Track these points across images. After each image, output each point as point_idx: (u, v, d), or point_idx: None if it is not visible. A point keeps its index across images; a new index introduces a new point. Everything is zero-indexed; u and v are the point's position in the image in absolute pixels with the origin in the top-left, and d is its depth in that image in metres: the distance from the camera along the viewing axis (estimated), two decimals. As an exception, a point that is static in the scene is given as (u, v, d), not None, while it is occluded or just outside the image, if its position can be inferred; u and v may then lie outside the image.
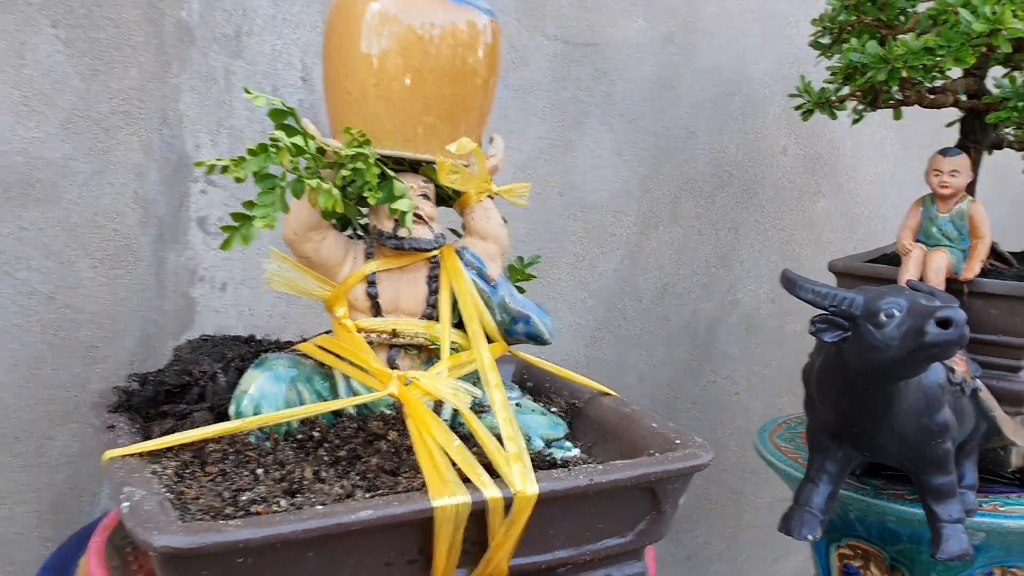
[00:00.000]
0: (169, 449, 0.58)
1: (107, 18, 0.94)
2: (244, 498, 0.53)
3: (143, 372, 0.68)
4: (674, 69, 1.31)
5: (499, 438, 0.59)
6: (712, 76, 1.35)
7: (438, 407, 0.64)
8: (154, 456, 0.58)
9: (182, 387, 0.64)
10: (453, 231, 0.75)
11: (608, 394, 0.73)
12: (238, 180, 0.59)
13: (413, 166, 0.68)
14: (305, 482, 0.56)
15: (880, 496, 0.95)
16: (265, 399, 0.61)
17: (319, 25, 1.05)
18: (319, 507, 0.51)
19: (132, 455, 0.56)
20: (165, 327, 1.02)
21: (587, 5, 1.23)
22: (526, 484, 0.54)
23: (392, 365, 0.66)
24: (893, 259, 1.06)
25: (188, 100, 0.99)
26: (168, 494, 0.53)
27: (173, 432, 0.60)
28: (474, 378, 0.65)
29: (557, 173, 1.25)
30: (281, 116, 0.60)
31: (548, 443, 0.65)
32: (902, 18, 1.04)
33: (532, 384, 0.77)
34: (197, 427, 0.59)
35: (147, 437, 0.61)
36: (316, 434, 0.62)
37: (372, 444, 0.61)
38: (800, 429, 1.15)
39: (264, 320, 1.08)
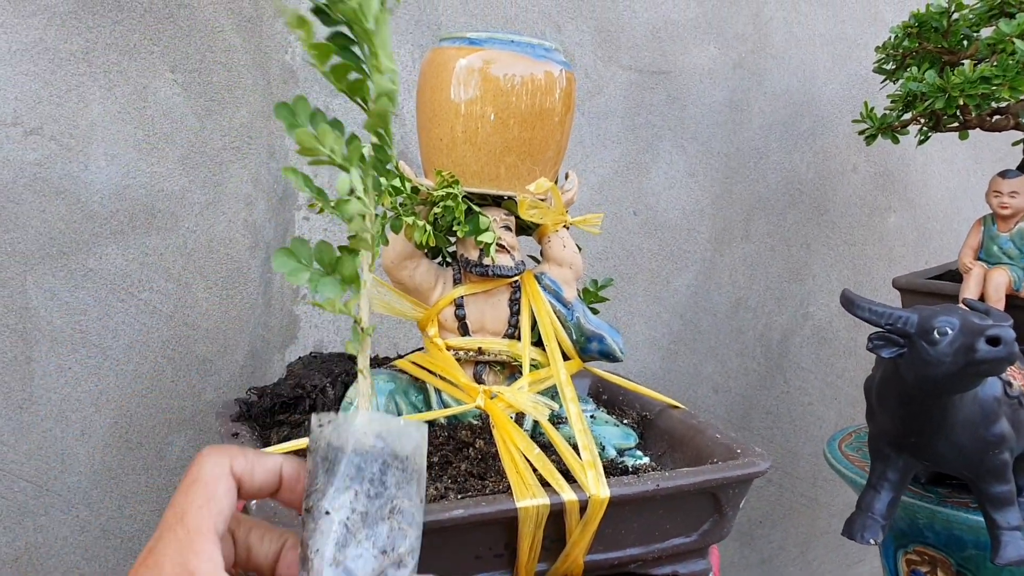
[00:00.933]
0: (286, 454, 0.66)
1: (219, 63, 1.04)
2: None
3: (261, 386, 0.77)
4: (744, 93, 1.37)
5: (575, 447, 0.65)
6: (782, 98, 1.40)
7: (520, 418, 0.71)
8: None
9: (295, 399, 0.73)
10: (532, 257, 0.82)
11: (677, 407, 0.79)
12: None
13: (496, 200, 0.76)
14: (404, 484, 0.64)
15: (944, 504, 0.99)
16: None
17: (409, 65, 1.14)
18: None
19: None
20: (271, 342, 1.12)
21: (660, 36, 1.29)
22: (599, 488, 0.61)
23: (478, 380, 0.74)
24: (958, 275, 1.10)
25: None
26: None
27: (289, 439, 0.68)
28: (552, 392, 0.72)
29: (632, 194, 1.31)
30: (381, 161, 0.68)
31: (620, 452, 0.72)
32: (965, 43, 1.07)
33: (606, 397, 0.84)
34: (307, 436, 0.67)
35: (266, 444, 0.69)
36: (412, 442, 0.69)
37: (461, 451, 0.69)
38: (867, 438, 1.19)
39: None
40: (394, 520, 0.44)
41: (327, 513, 0.42)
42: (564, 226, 0.76)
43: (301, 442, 0.66)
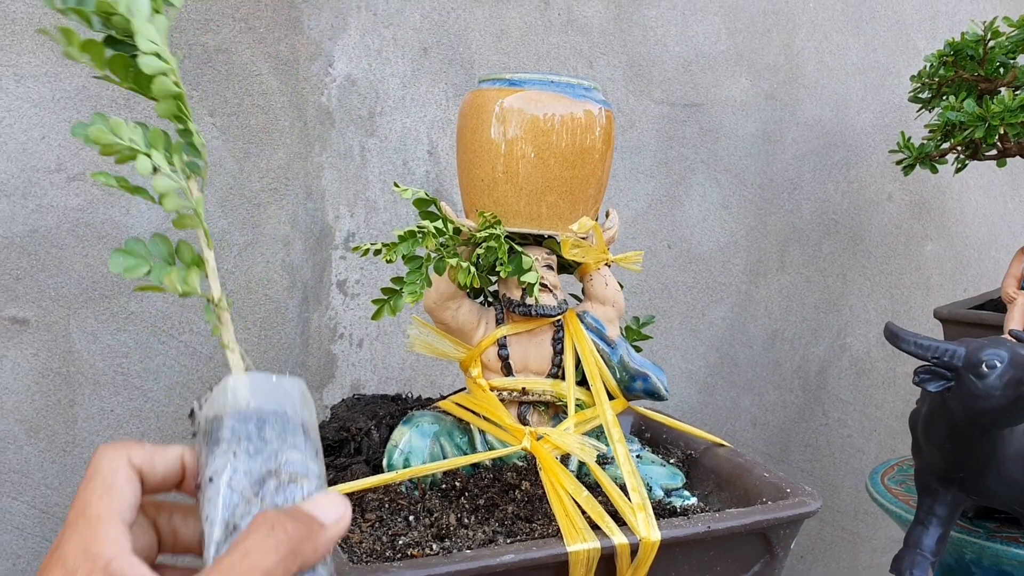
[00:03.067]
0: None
1: (257, 106, 1.06)
2: (400, 542, 0.61)
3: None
4: (777, 124, 1.36)
5: (623, 488, 0.65)
6: (815, 129, 1.40)
7: (565, 458, 0.71)
8: (321, 504, 0.66)
9: (340, 442, 0.73)
10: (574, 296, 0.82)
11: (722, 445, 0.79)
12: (389, 262, 0.67)
13: (537, 239, 0.76)
14: (451, 528, 0.63)
15: (993, 539, 0.97)
16: (413, 453, 0.69)
17: (443, 103, 1.14)
18: (468, 551, 0.58)
19: (303, 503, 0.65)
20: (309, 381, 1.12)
21: (691, 69, 1.29)
22: (650, 531, 0.60)
23: (523, 420, 0.73)
24: (1000, 303, 1.08)
25: (328, 176, 1.10)
26: (337, 538, 0.61)
27: (335, 483, 0.68)
28: (598, 432, 0.72)
29: (666, 227, 1.31)
30: (424, 204, 0.69)
31: (668, 492, 0.71)
32: (1001, 70, 1.07)
33: (650, 435, 0.83)
34: (356, 478, 0.67)
35: (312, 487, 0.69)
36: (458, 484, 0.69)
37: (507, 493, 0.68)
38: (911, 471, 1.17)
39: (396, 373, 1.17)
40: (284, 472, 0.42)
41: (211, 480, 0.42)
42: (606, 264, 0.76)
43: (348, 486, 0.66)
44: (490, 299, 0.79)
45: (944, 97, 1.07)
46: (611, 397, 0.74)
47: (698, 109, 1.31)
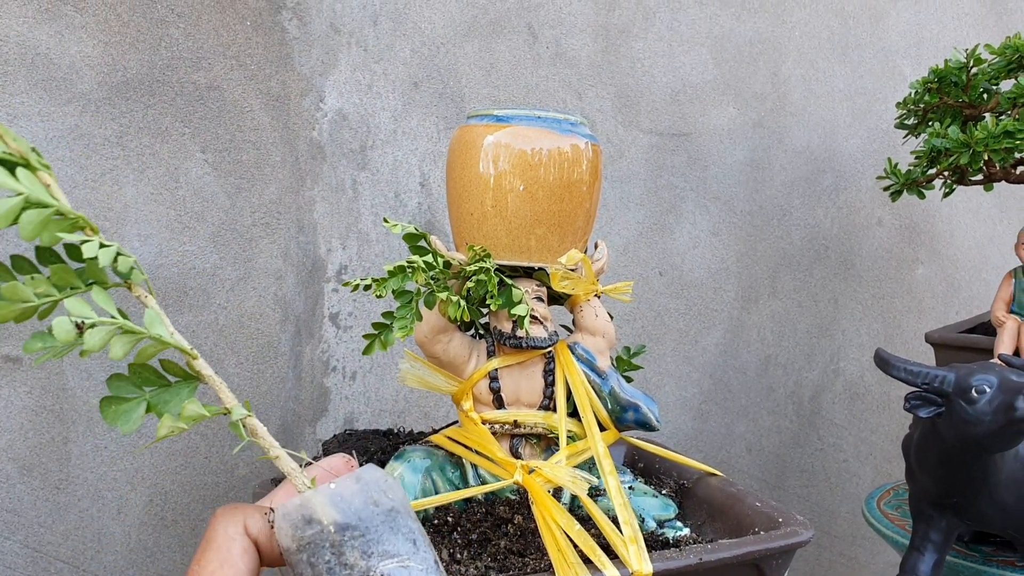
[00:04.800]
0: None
1: (248, 141, 1.06)
2: (393, 578, 0.61)
3: (297, 464, 0.77)
4: (765, 152, 1.38)
5: (615, 520, 0.65)
6: (803, 155, 1.41)
7: (557, 491, 0.71)
8: (313, 541, 0.66)
9: (332, 477, 0.73)
10: (564, 327, 0.82)
11: (715, 474, 0.79)
12: (379, 296, 0.68)
13: (527, 271, 0.76)
14: (443, 563, 0.63)
15: (989, 563, 0.97)
16: (405, 488, 0.69)
17: (434, 136, 1.15)
18: (461, 586, 0.58)
19: (295, 540, 0.65)
20: (302, 415, 1.12)
21: (679, 99, 1.31)
22: (642, 564, 0.60)
23: (515, 453, 0.73)
24: (991, 327, 1.09)
25: (320, 209, 1.11)
26: (329, 575, 0.61)
27: (327, 518, 0.68)
28: (590, 464, 0.72)
29: (657, 255, 1.31)
30: (414, 239, 0.69)
31: (660, 523, 0.71)
32: (985, 96, 1.08)
33: (643, 465, 0.83)
34: (348, 514, 0.67)
35: (304, 523, 0.69)
36: (450, 519, 0.69)
37: (500, 528, 0.68)
38: (907, 495, 1.17)
39: (390, 405, 1.17)
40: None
41: None
42: (595, 295, 0.76)
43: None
44: (481, 332, 0.79)
45: (929, 123, 1.08)
46: (603, 428, 0.74)
47: (686, 138, 1.32)
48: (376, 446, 0.76)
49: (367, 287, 0.69)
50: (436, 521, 0.69)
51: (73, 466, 1.00)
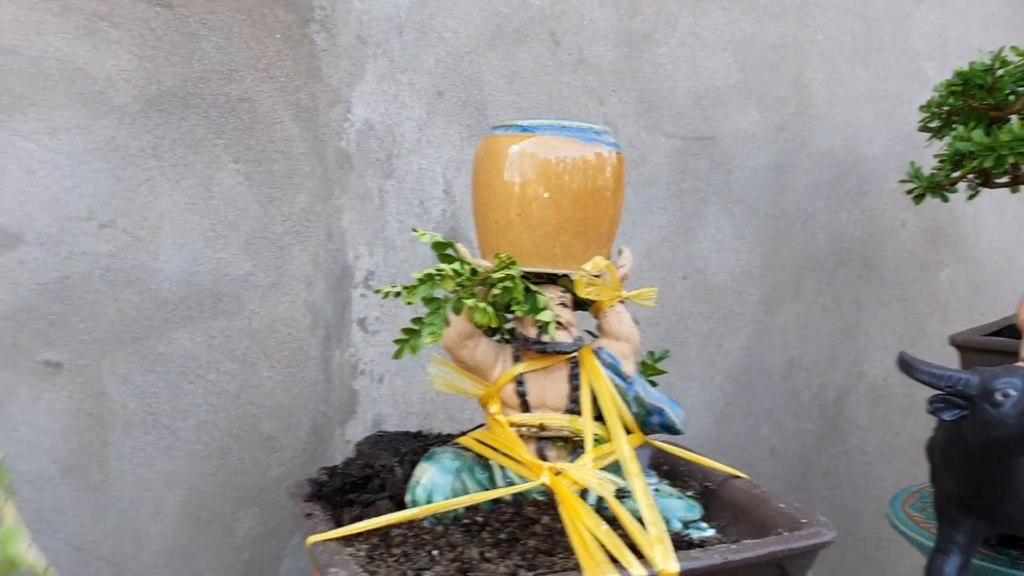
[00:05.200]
0: (359, 533, 0.68)
1: (279, 152, 1.09)
2: (425, 576, 0.63)
3: (331, 466, 0.79)
4: (789, 155, 1.39)
5: (641, 521, 0.66)
6: (827, 158, 1.42)
7: (583, 492, 0.72)
8: (348, 540, 0.68)
9: (365, 479, 0.75)
10: (589, 332, 0.84)
11: (739, 476, 0.80)
12: (408, 304, 0.70)
13: (552, 278, 0.78)
14: (474, 562, 0.65)
15: (1016, 566, 0.97)
16: (436, 489, 0.71)
17: (458, 144, 1.17)
18: (493, 583, 0.60)
19: (330, 540, 0.67)
20: (332, 417, 1.15)
21: (702, 103, 1.32)
22: (668, 563, 0.62)
23: (541, 455, 0.75)
24: (1017, 330, 1.09)
25: (348, 217, 1.13)
26: (364, 574, 0.63)
27: (361, 519, 0.70)
28: (615, 466, 0.73)
29: (680, 259, 1.33)
30: (442, 247, 0.71)
31: (686, 524, 0.72)
32: (1011, 98, 1.08)
33: (668, 468, 0.85)
34: (381, 514, 0.69)
35: (338, 523, 0.71)
36: (479, 519, 0.71)
37: (528, 528, 0.70)
38: (932, 498, 1.17)
39: (416, 407, 1.19)
40: None
41: None
42: (620, 301, 0.78)
43: (373, 522, 0.68)
44: (507, 337, 0.81)
45: (953, 126, 1.09)
46: (628, 432, 0.75)
47: (710, 142, 1.33)
48: (407, 447, 0.78)
49: (397, 294, 0.71)
50: (466, 521, 0.71)
51: (112, 468, 1.03)
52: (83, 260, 1.00)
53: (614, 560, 0.62)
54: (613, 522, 0.68)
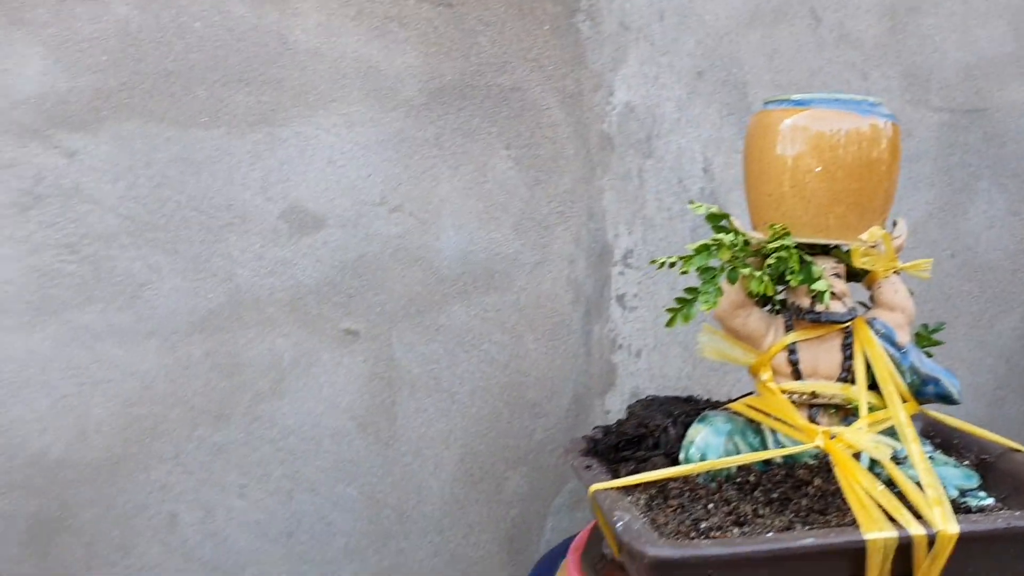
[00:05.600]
0: (636, 485, 0.74)
1: (546, 137, 1.16)
2: (703, 526, 0.67)
3: (604, 425, 0.85)
4: (1070, 125, 1.30)
5: (918, 485, 0.67)
6: (1115, 127, 1.32)
7: (856, 457, 0.74)
8: (626, 491, 0.73)
9: (639, 437, 0.80)
10: (861, 303, 0.84)
11: (1019, 450, 0.78)
12: (683, 273, 0.74)
13: (825, 249, 0.79)
14: (748, 516, 0.69)
15: None
16: (709, 448, 0.75)
17: (717, 123, 1.20)
18: (769, 534, 0.63)
19: (612, 489, 0.73)
20: (592, 388, 1.21)
21: (973, 74, 1.26)
22: (947, 524, 0.62)
23: (812, 422, 0.77)
24: None
25: (609, 197, 1.19)
26: (646, 520, 0.68)
27: (635, 473, 0.75)
28: (888, 433, 0.74)
29: (948, 236, 1.28)
30: (716, 219, 0.75)
31: (962, 493, 0.72)
32: None
33: (940, 440, 0.84)
34: (656, 470, 0.74)
35: (615, 476, 0.77)
36: (751, 479, 0.74)
37: (800, 489, 0.72)
38: None
39: (672, 382, 1.23)
40: None
41: None
42: (895, 272, 0.78)
43: (650, 475, 0.73)
44: (777, 307, 0.83)
45: None
46: (903, 401, 0.76)
47: (982, 114, 1.27)
48: (679, 410, 0.82)
49: (672, 264, 0.76)
50: (739, 480, 0.74)
51: (399, 426, 1.14)
52: (376, 240, 1.12)
53: (891, 519, 0.64)
54: (889, 485, 0.69)
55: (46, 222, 1.02)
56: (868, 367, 0.76)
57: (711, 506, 0.70)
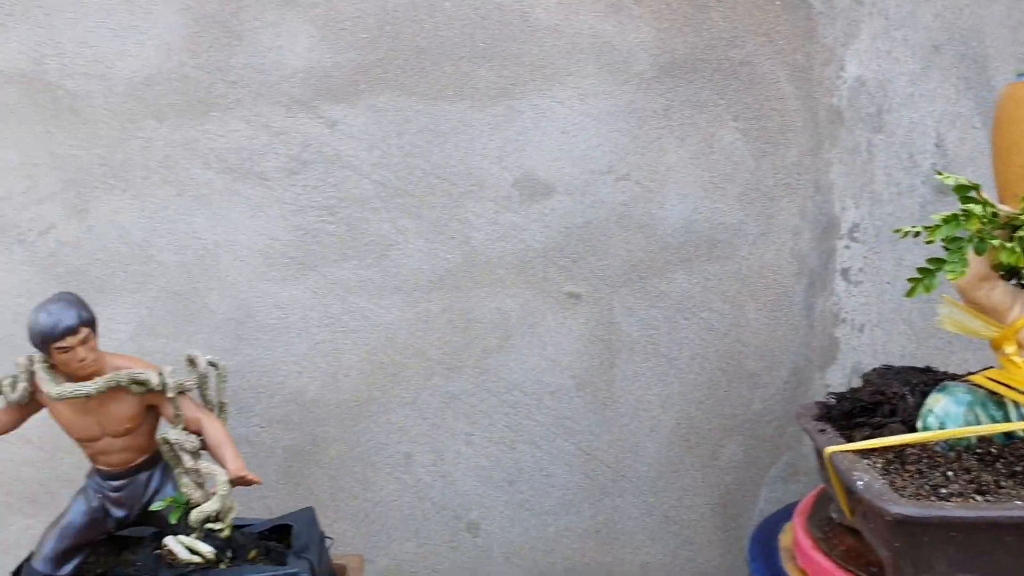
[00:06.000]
0: (872, 450, 0.75)
1: (774, 109, 1.17)
2: (943, 491, 0.68)
3: (839, 392, 0.87)
4: None
5: None
6: None
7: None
8: (862, 454, 0.75)
9: (874, 404, 0.81)
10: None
11: None
12: (928, 243, 0.75)
13: (1079, 224, 0.77)
14: (990, 486, 0.69)
15: None
16: (948, 417, 0.75)
17: (953, 97, 1.17)
18: (1018, 502, 0.64)
19: (848, 451, 0.75)
20: (812, 361, 1.22)
21: None
22: None
23: (1055, 398, 0.76)
24: None
25: (836, 171, 1.18)
26: (885, 482, 0.70)
27: (872, 438, 0.77)
28: None
29: None
30: (965, 190, 0.75)
31: None
32: None
33: None
34: (893, 435, 0.76)
35: (849, 440, 0.78)
36: (993, 451, 0.74)
37: (1043, 463, 0.72)
38: None
39: (896, 359, 1.21)
40: None
41: None
42: None
43: (888, 440, 0.74)
44: (1023, 281, 0.82)
45: None
46: None
47: None
48: (917, 379, 0.83)
49: (916, 234, 0.76)
50: (979, 450, 0.74)
51: (616, 387, 1.20)
52: (602, 208, 1.17)
53: None
54: None
55: (310, 186, 1.13)
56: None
57: (950, 474, 0.71)
